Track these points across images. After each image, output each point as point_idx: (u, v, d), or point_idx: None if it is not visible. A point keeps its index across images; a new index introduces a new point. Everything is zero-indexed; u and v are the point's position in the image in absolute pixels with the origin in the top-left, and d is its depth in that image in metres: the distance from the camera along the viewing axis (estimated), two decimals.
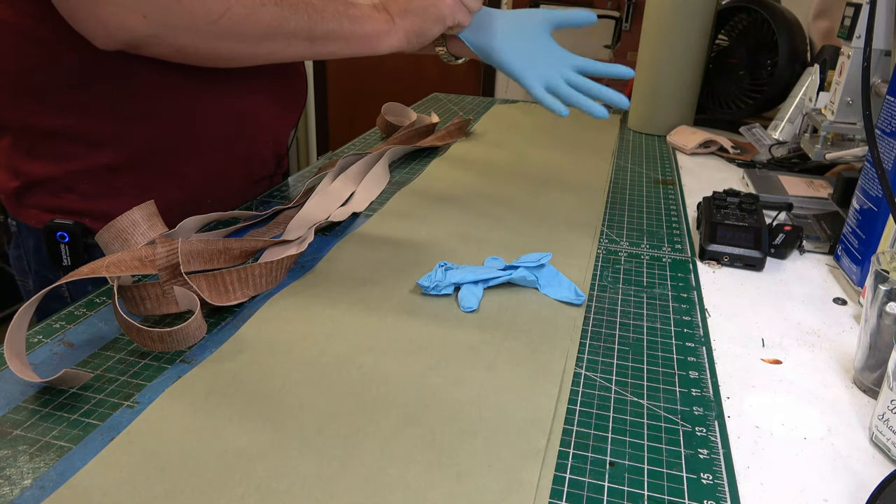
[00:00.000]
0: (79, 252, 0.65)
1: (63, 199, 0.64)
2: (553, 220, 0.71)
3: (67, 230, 0.64)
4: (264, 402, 0.41)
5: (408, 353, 0.46)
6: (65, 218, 0.64)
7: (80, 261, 0.65)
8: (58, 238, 0.64)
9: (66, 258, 0.65)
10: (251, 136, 0.73)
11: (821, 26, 1.22)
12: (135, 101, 0.62)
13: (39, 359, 0.45)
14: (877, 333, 0.44)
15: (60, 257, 0.65)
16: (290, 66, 0.76)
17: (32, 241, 0.67)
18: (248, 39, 0.59)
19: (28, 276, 0.70)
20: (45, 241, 0.65)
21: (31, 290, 0.70)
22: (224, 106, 0.68)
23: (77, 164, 0.63)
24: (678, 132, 1.08)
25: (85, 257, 0.65)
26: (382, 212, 0.72)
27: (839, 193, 0.77)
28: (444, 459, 0.37)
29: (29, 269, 0.69)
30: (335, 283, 0.56)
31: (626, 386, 0.45)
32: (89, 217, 0.65)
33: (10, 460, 0.36)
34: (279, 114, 0.76)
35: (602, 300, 0.56)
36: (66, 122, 0.61)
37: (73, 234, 0.64)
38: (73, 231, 0.64)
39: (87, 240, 0.65)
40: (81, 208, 0.65)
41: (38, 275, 0.68)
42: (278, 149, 0.79)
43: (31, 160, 0.63)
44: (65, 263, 0.65)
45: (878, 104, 0.63)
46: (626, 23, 1.85)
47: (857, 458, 0.40)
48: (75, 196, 0.64)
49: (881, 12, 0.69)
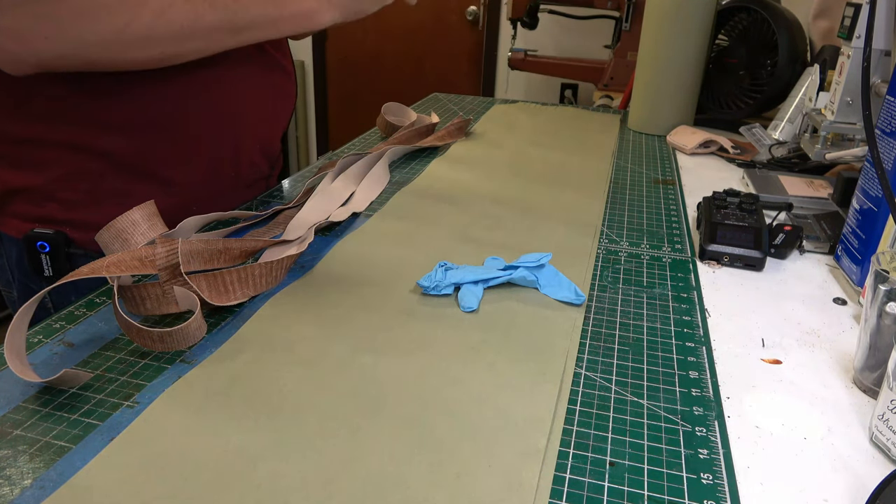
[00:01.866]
0: (60, 262, 0.63)
1: (44, 209, 0.63)
2: (553, 220, 0.71)
3: (48, 240, 0.62)
4: (264, 402, 0.41)
5: (408, 353, 0.46)
6: (46, 227, 0.63)
7: (62, 270, 0.64)
8: (38, 248, 0.62)
9: (47, 268, 0.64)
10: (236, 139, 0.71)
11: (821, 26, 1.22)
12: (114, 107, 0.61)
13: (39, 359, 0.45)
14: (877, 333, 0.44)
15: (42, 267, 0.63)
16: (275, 64, 0.74)
17: (15, 251, 0.65)
18: (163, 43, 0.56)
19: (12, 286, 0.68)
20: (26, 252, 0.63)
21: (16, 300, 0.69)
22: (206, 109, 0.66)
23: (57, 171, 0.62)
24: (678, 132, 1.08)
25: (67, 267, 0.64)
26: (382, 212, 0.72)
27: (839, 193, 0.77)
28: (443, 459, 0.37)
29: (13, 280, 0.68)
30: (335, 283, 0.56)
31: (626, 386, 0.45)
32: (70, 226, 0.63)
33: (10, 460, 0.36)
34: (266, 115, 0.74)
35: (602, 300, 0.56)
36: (43, 130, 0.60)
37: (55, 244, 0.63)
38: (55, 240, 0.63)
39: (69, 249, 0.63)
40: (63, 217, 0.63)
41: (22, 284, 0.67)
42: (269, 150, 0.77)
43: (9, 169, 0.62)
44: (46, 274, 0.64)
45: (878, 104, 0.63)
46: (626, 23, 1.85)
47: (857, 458, 0.40)
48: (56, 205, 0.63)
49: (881, 12, 0.69)
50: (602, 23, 2.31)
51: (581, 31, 2.59)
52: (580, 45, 2.65)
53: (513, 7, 2.08)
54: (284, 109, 0.78)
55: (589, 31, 2.55)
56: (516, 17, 2.10)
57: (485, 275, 0.55)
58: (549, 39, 2.70)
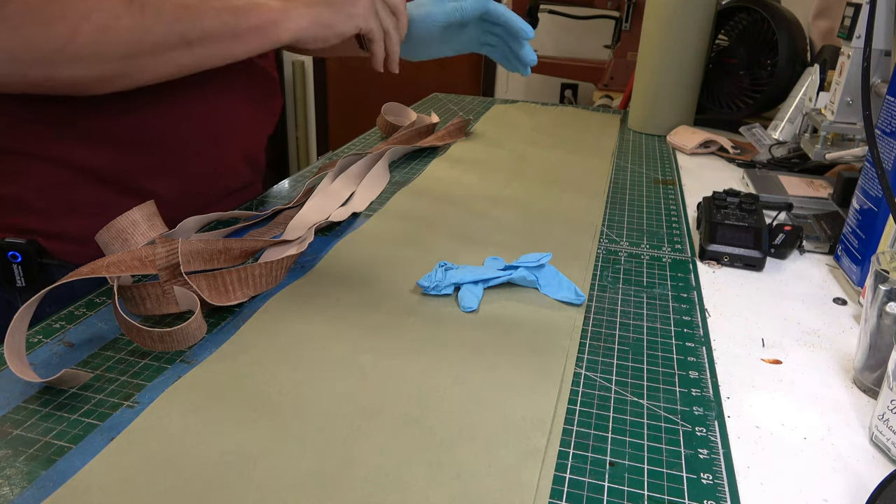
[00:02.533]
0: (33, 272, 0.62)
1: (18, 218, 0.61)
2: (553, 220, 0.71)
3: (20, 249, 0.61)
4: (264, 402, 0.41)
5: (408, 353, 0.46)
6: (18, 238, 0.61)
7: (34, 280, 0.62)
8: (9, 258, 0.61)
9: (19, 279, 0.62)
10: (218, 152, 0.69)
11: (821, 26, 1.22)
12: (88, 117, 0.59)
13: (39, 359, 0.45)
14: (877, 333, 0.44)
15: (14, 278, 0.62)
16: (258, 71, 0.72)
17: None
18: (109, 60, 0.52)
19: None
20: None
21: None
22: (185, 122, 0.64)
23: (30, 182, 0.60)
24: (678, 132, 1.08)
25: (41, 277, 0.62)
26: (382, 212, 0.72)
27: (839, 193, 0.77)
28: (443, 459, 0.37)
29: None
30: (335, 283, 0.56)
31: (626, 386, 0.45)
32: (44, 236, 0.62)
33: (10, 460, 0.36)
34: (250, 125, 0.72)
35: (602, 300, 0.56)
36: (14, 140, 0.59)
37: (26, 253, 0.61)
38: (26, 250, 0.61)
39: (42, 259, 0.62)
40: (36, 227, 0.62)
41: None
42: (253, 159, 0.75)
43: None
44: (18, 284, 0.62)
45: (878, 104, 0.63)
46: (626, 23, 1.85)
47: (857, 458, 0.40)
48: (30, 214, 0.61)
49: (881, 12, 0.69)
50: (602, 23, 2.31)
51: (581, 31, 2.60)
52: (580, 45, 2.65)
53: (512, 7, 2.09)
54: (269, 117, 0.76)
55: (589, 31, 2.55)
56: None
57: (485, 275, 0.55)
58: (549, 39, 2.70)
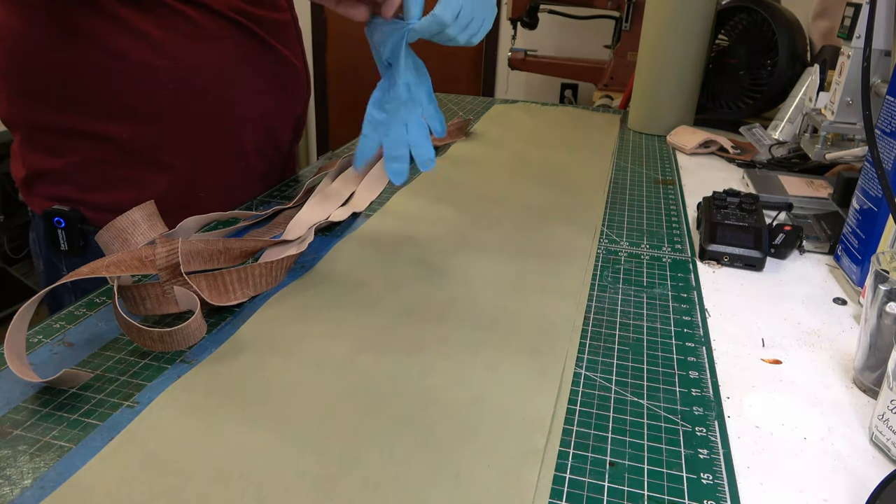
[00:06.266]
0: (74, 237, 0.70)
1: (62, 189, 0.69)
2: (553, 220, 0.71)
3: (64, 216, 0.69)
4: (264, 401, 0.41)
5: (408, 353, 0.46)
6: (63, 205, 0.69)
7: (75, 245, 0.70)
8: (55, 223, 0.69)
9: (63, 242, 0.70)
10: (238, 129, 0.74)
11: (821, 26, 1.22)
12: (122, 98, 0.65)
13: (39, 359, 0.45)
14: (877, 333, 0.44)
15: (59, 241, 0.70)
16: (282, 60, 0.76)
17: (42, 226, 0.72)
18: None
19: (39, 258, 0.76)
20: (45, 226, 0.70)
21: (42, 271, 0.76)
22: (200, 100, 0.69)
23: (72, 157, 0.68)
24: (678, 132, 1.08)
25: (81, 242, 0.70)
26: (382, 212, 0.72)
27: (839, 193, 0.77)
28: (443, 459, 0.37)
29: (39, 252, 0.75)
30: (335, 283, 0.56)
31: (626, 386, 0.45)
32: (83, 206, 0.70)
33: (10, 460, 0.36)
34: (271, 106, 0.77)
35: (602, 300, 0.56)
36: (59, 119, 0.66)
37: (70, 220, 0.69)
38: (70, 217, 0.69)
39: (83, 226, 0.70)
40: (78, 197, 0.70)
41: (45, 257, 0.75)
42: (277, 143, 0.80)
43: (34, 153, 0.69)
44: (62, 248, 0.70)
45: (878, 104, 0.63)
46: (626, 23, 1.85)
47: (857, 458, 0.40)
48: (72, 186, 0.69)
49: (881, 12, 0.69)
50: (602, 23, 2.31)
51: (581, 31, 2.59)
52: (580, 45, 2.65)
53: (513, 7, 2.08)
54: (292, 101, 0.80)
55: (589, 31, 2.55)
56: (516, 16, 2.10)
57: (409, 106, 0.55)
58: (549, 39, 2.70)
